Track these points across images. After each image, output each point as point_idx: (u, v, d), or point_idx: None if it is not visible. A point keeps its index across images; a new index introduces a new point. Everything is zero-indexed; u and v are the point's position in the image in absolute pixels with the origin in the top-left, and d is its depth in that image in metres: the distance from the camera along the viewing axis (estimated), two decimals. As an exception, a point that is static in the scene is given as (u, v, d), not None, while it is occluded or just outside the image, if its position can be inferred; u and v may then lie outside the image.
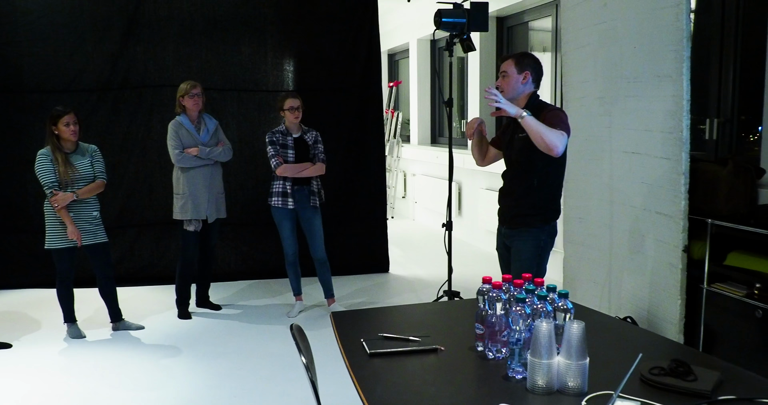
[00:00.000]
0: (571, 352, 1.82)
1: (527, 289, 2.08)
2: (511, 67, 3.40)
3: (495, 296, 2.09)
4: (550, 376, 1.83)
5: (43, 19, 5.71)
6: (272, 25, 6.03)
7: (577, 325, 1.82)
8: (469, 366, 2.10)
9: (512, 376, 1.94)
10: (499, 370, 2.01)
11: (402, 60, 10.58)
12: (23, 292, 5.69)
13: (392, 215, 9.17)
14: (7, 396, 3.68)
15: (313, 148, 4.88)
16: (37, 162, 4.38)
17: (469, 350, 2.19)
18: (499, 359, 2.08)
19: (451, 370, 2.07)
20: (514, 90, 3.39)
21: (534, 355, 1.83)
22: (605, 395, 1.79)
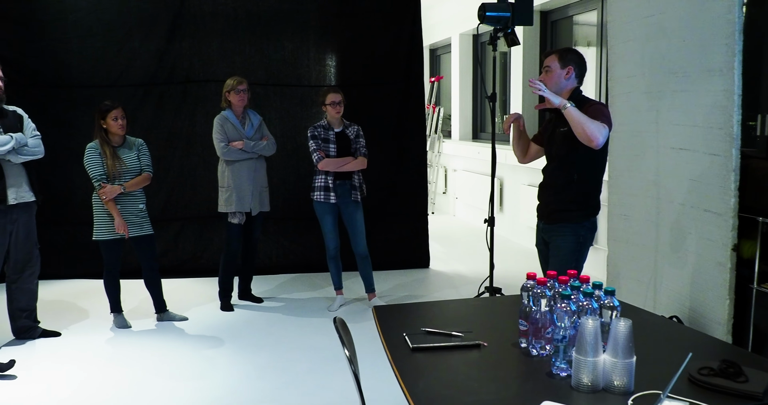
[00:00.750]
0: (618, 351, 1.80)
1: (573, 285, 2.05)
2: (554, 62, 3.38)
3: (539, 292, 2.07)
4: (595, 374, 1.81)
5: (92, 15, 5.83)
6: (315, 20, 6.06)
7: (624, 323, 1.79)
8: (512, 362, 2.08)
9: (556, 373, 1.92)
10: (543, 367, 1.99)
11: (444, 55, 10.54)
12: (71, 282, 5.83)
13: (433, 211, 9.15)
14: (57, 383, 3.78)
15: (355, 143, 4.90)
16: (86, 155, 4.48)
17: (512, 346, 2.18)
18: (543, 356, 2.06)
19: (494, 366, 2.05)
20: (556, 85, 3.37)
21: (579, 353, 1.81)
22: (652, 395, 1.76)
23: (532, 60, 7.16)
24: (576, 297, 2.02)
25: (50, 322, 4.69)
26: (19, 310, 4.43)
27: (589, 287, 2.07)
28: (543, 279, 2.11)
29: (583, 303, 2.01)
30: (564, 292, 2.00)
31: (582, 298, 2.02)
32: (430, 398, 1.82)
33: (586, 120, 3.10)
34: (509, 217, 7.47)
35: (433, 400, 1.81)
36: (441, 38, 9.88)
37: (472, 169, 8.65)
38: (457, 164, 9.22)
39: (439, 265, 6.41)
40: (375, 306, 2.69)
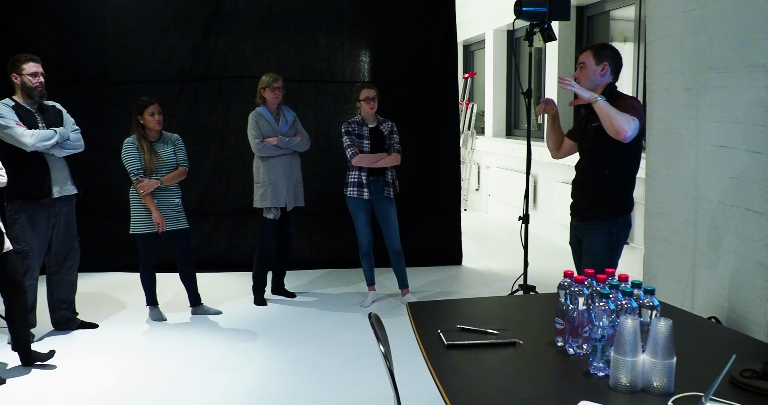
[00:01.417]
0: (658, 351, 1.77)
1: (611, 284, 2.03)
2: (589, 59, 3.36)
3: (577, 291, 2.05)
4: (634, 374, 1.78)
5: (130, 12, 5.91)
6: (349, 16, 6.07)
7: (665, 323, 1.77)
8: (548, 361, 2.06)
9: (594, 372, 1.90)
10: (580, 367, 1.97)
11: (477, 51, 10.47)
12: (109, 275, 5.93)
13: (465, 208, 9.11)
14: (96, 374, 3.85)
15: (389, 139, 4.89)
16: (123, 150, 4.55)
17: (548, 345, 2.16)
18: (580, 355, 2.04)
19: (530, 364, 2.04)
20: (591, 81, 3.36)
21: (618, 353, 1.79)
22: (693, 397, 1.73)
23: (568, 56, 7.07)
24: (614, 296, 2.00)
25: (88, 313, 4.78)
26: (58, 301, 4.52)
27: (628, 286, 2.04)
28: (580, 277, 2.09)
29: (622, 302, 1.98)
30: (602, 290, 1.97)
31: (621, 297, 1.99)
32: (466, 396, 1.81)
33: (615, 113, 3.11)
34: (543, 215, 7.40)
35: (468, 398, 1.80)
36: (475, 34, 9.81)
37: (505, 166, 8.59)
38: (490, 161, 9.17)
39: (472, 262, 6.38)
40: (409, 302, 2.69)
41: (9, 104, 4.13)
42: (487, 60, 9.40)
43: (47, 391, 3.62)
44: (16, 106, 4.15)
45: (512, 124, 9.13)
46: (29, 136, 4.04)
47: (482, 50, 9.92)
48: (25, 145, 4.04)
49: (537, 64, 8.00)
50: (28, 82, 4.15)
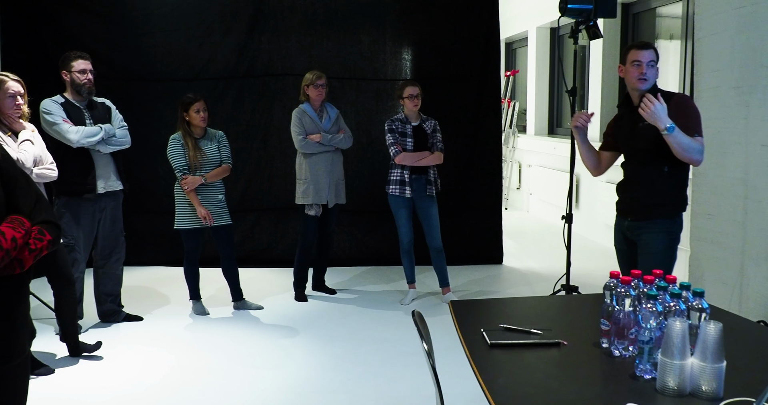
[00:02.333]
0: (707, 354, 1.74)
1: (659, 285, 1.99)
2: (655, 56, 3.27)
3: (623, 292, 2.02)
4: (682, 377, 1.75)
5: (176, 11, 6.01)
6: (391, 13, 6.07)
7: (714, 326, 1.73)
8: (593, 362, 2.04)
9: (640, 375, 1.87)
10: (626, 369, 1.94)
11: (520, 49, 10.38)
12: (153, 269, 6.04)
13: (506, 206, 9.04)
14: (140, 366, 3.94)
15: (432, 137, 4.88)
16: (168, 146, 4.62)
17: (593, 346, 2.13)
18: (626, 357, 2.01)
19: (575, 365, 2.02)
20: (654, 80, 3.26)
21: (665, 355, 1.76)
22: (744, 402, 1.69)
23: (612, 53, 6.96)
24: (662, 297, 1.96)
25: (133, 306, 4.87)
26: (104, 294, 4.62)
27: (676, 288, 2.01)
28: (627, 278, 2.06)
29: (670, 304, 1.94)
30: (650, 292, 1.94)
31: (668, 299, 1.96)
32: (510, 396, 1.80)
33: (687, 142, 3.06)
34: (585, 215, 7.30)
35: (512, 398, 1.79)
36: (517, 32, 9.73)
37: (547, 165, 8.50)
38: (532, 159, 9.08)
39: (513, 262, 6.33)
40: (451, 301, 2.68)
41: (58, 101, 4.24)
42: (529, 58, 9.31)
43: (95, 382, 3.70)
44: (65, 102, 4.26)
45: (555, 123, 9.03)
46: (74, 133, 4.14)
47: (524, 48, 9.83)
48: (70, 141, 4.14)
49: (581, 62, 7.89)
50: (77, 79, 4.25)
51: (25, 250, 1.72)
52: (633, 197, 3.40)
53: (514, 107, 9.51)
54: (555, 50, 8.87)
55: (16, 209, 1.78)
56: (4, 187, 1.77)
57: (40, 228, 1.78)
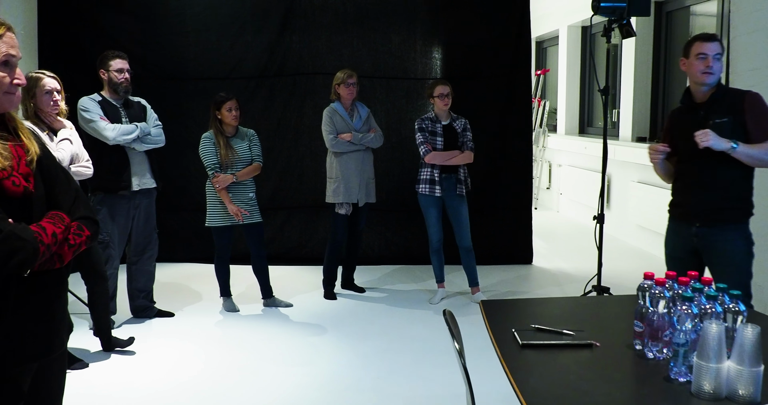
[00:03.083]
0: (744, 358, 1.71)
1: (694, 287, 1.97)
2: (721, 49, 3.13)
3: (658, 293, 2.00)
4: (718, 381, 1.73)
5: (209, 10, 6.07)
6: (422, 12, 6.06)
7: (752, 329, 1.70)
8: (626, 364, 2.02)
9: (675, 378, 1.85)
10: (659, 371, 1.92)
11: (550, 47, 10.30)
12: (185, 265, 6.11)
13: (536, 206, 8.98)
14: (174, 361, 3.99)
15: (462, 136, 4.87)
16: (201, 145, 4.67)
17: (626, 348, 2.11)
18: (660, 359, 1.99)
19: (608, 367, 2.00)
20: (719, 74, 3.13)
21: (701, 358, 1.74)
22: (782, 406, 1.66)
23: (645, 52, 6.87)
24: (698, 299, 1.94)
25: (165, 302, 4.94)
26: (137, 290, 4.69)
27: (712, 290, 1.98)
28: (661, 279, 2.03)
29: (706, 306, 1.92)
30: (685, 293, 1.92)
31: (704, 301, 1.93)
32: (542, 396, 1.79)
33: (757, 152, 2.96)
34: (617, 215, 7.22)
35: (544, 399, 1.78)
36: (548, 30, 9.65)
37: (577, 165, 8.42)
38: (562, 159, 9.00)
39: (543, 262, 6.29)
40: (482, 300, 2.67)
41: (96, 99, 4.32)
42: (560, 56, 9.23)
43: (128, 377, 3.76)
44: (103, 100, 4.33)
45: (585, 122, 8.94)
46: (110, 130, 4.21)
47: (555, 47, 9.75)
48: (107, 138, 4.21)
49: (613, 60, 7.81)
50: (114, 78, 4.32)
51: (65, 245, 1.75)
52: (701, 201, 3.17)
53: (544, 106, 9.44)
54: (587, 49, 8.79)
55: (56, 205, 1.82)
56: (45, 183, 1.80)
57: (79, 224, 1.81)
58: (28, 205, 1.74)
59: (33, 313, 1.75)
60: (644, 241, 6.70)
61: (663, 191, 6.17)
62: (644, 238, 6.69)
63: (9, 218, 1.64)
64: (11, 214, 1.66)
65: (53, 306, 1.82)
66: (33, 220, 1.72)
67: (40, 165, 1.80)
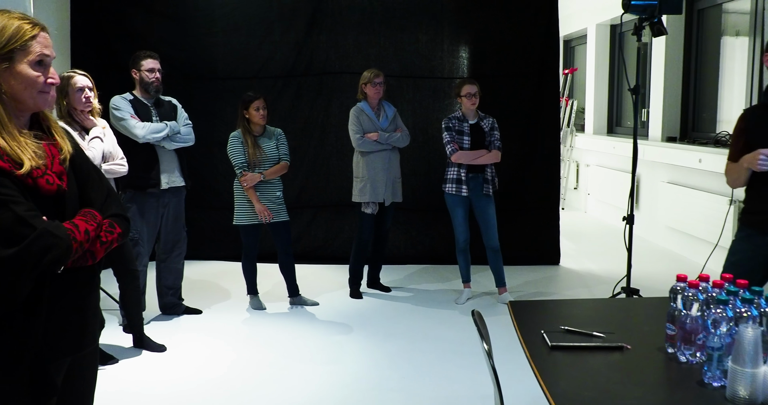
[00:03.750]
0: (781, 363, 1.67)
1: (729, 290, 1.93)
2: None
3: (691, 296, 1.96)
4: (754, 386, 1.69)
5: (237, 10, 6.10)
6: (449, 11, 6.04)
7: (790, 334, 1.67)
8: (658, 368, 1.99)
9: (709, 382, 1.81)
10: (693, 375, 1.88)
11: (578, 46, 10.20)
12: (213, 263, 6.16)
13: (563, 206, 8.90)
14: (202, 358, 4.02)
15: (489, 135, 4.84)
16: (229, 144, 4.70)
17: (657, 351, 2.08)
18: (693, 363, 1.95)
19: (639, 370, 1.97)
20: None
21: (736, 363, 1.70)
22: (820, 413, 1.62)
23: (676, 50, 6.77)
24: (733, 302, 1.90)
25: (193, 300, 4.98)
26: (166, 287, 4.73)
27: (748, 293, 1.94)
28: (695, 281, 2.00)
29: (741, 309, 1.88)
30: (720, 296, 1.88)
31: (739, 305, 1.89)
32: (572, 399, 1.77)
33: None
34: (645, 216, 7.13)
35: (574, 402, 1.75)
36: (576, 29, 9.56)
37: (605, 165, 8.33)
38: (590, 159, 8.92)
39: (570, 263, 6.23)
40: (510, 301, 2.65)
41: (127, 98, 4.37)
42: (588, 55, 9.14)
43: (158, 374, 3.80)
44: (134, 99, 4.38)
45: (614, 122, 8.84)
46: (140, 128, 4.26)
47: (583, 45, 9.66)
48: (137, 137, 4.26)
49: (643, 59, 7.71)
50: (146, 78, 4.37)
51: (97, 242, 1.77)
52: None
53: (572, 106, 9.36)
54: (615, 48, 8.69)
55: (88, 202, 1.84)
56: (78, 181, 1.83)
57: (110, 221, 1.84)
58: (61, 203, 1.76)
59: (66, 309, 1.78)
60: (674, 242, 6.61)
61: (693, 192, 6.09)
62: (674, 239, 6.60)
63: (43, 216, 1.67)
64: (45, 212, 1.69)
65: (86, 302, 1.84)
66: (66, 218, 1.75)
67: (72, 163, 1.83)
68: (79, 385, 1.91)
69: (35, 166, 1.68)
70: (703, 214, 5.90)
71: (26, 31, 1.69)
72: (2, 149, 1.63)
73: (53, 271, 1.68)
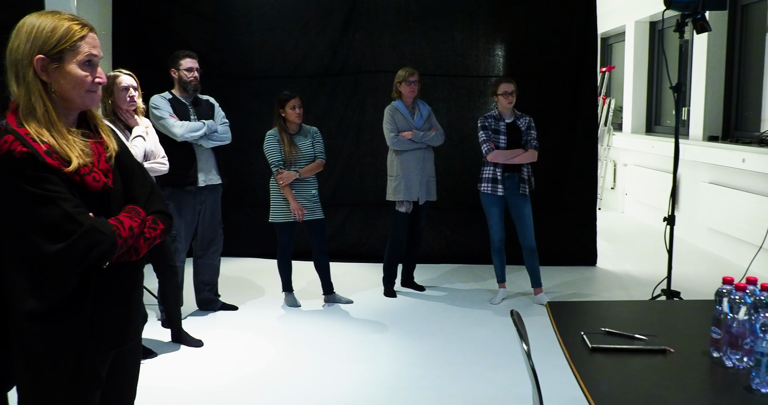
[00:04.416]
0: (833, 369, 1.63)
1: (778, 294, 1.88)
2: None
3: (738, 299, 1.92)
4: (804, 392, 1.65)
5: (274, 10, 6.15)
6: (485, 9, 6.00)
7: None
8: (703, 372, 1.95)
9: (757, 388, 1.77)
10: (739, 380, 1.84)
11: (616, 44, 10.05)
12: (248, 260, 6.21)
13: (600, 207, 8.79)
14: (239, 354, 4.06)
15: (526, 134, 4.80)
16: (265, 142, 4.74)
17: (702, 355, 2.04)
18: (740, 368, 1.91)
19: (683, 374, 1.93)
20: None
21: (786, 368, 1.66)
22: None
23: (718, 47, 6.62)
24: (782, 307, 1.85)
25: (229, 296, 5.03)
26: (203, 283, 4.79)
27: (797, 297, 1.89)
28: (742, 285, 1.96)
29: (790, 314, 1.83)
30: None
31: (789, 309, 1.85)
32: (614, 402, 1.75)
33: None
34: (685, 217, 7.00)
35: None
36: (613, 26, 9.43)
37: (644, 164, 8.20)
38: (628, 158, 8.78)
39: (607, 264, 6.14)
40: (548, 302, 2.62)
41: (166, 97, 4.43)
42: (626, 53, 9.00)
43: (195, 368, 3.85)
44: (173, 98, 4.44)
45: (653, 120, 8.70)
46: (179, 127, 4.31)
47: (621, 43, 9.51)
48: (175, 135, 4.31)
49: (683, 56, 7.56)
50: (184, 77, 4.43)
51: (141, 238, 1.80)
52: None
53: (609, 104, 9.23)
54: (654, 45, 8.54)
55: (133, 199, 1.87)
56: (123, 179, 1.86)
57: (154, 218, 1.87)
58: (106, 200, 1.80)
59: (111, 304, 1.82)
60: (715, 244, 6.47)
61: (736, 193, 5.96)
62: (715, 241, 6.47)
63: (89, 212, 1.70)
64: (91, 209, 1.72)
65: (130, 297, 1.88)
66: (111, 214, 1.78)
67: (118, 161, 1.86)
68: (122, 378, 1.94)
69: (83, 163, 1.71)
70: (746, 216, 5.77)
71: (75, 32, 1.73)
72: (52, 147, 1.67)
73: (98, 267, 1.71)
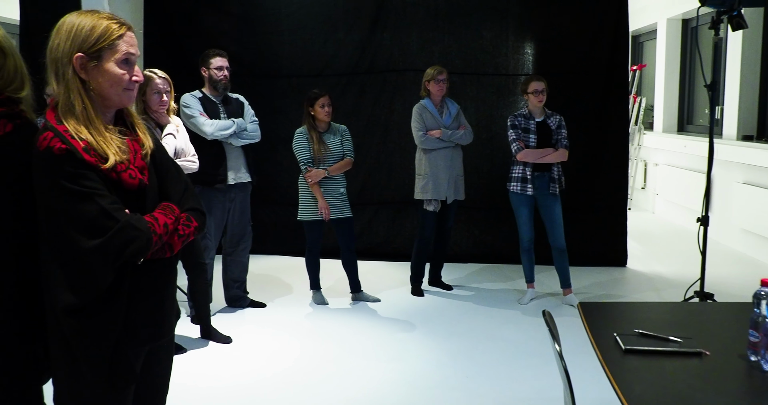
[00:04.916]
0: None
1: (818, 297, 1.84)
2: None
3: (777, 302, 1.88)
4: None
5: (302, 9, 6.17)
6: (514, 7, 5.96)
7: None
8: (740, 376, 1.91)
9: (796, 392, 1.74)
10: (778, 384, 1.81)
11: (647, 42, 9.92)
12: (276, 258, 6.25)
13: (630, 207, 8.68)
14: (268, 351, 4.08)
15: (556, 134, 4.76)
16: (294, 140, 4.75)
17: (738, 358, 2.00)
18: (778, 372, 1.88)
19: (720, 377, 1.90)
20: None
21: (827, 372, 1.62)
22: None
23: (754, 45, 6.50)
24: (823, 310, 1.81)
25: (257, 293, 5.06)
26: (232, 280, 4.82)
27: (839, 300, 1.85)
28: (780, 287, 1.92)
29: (831, 317, 1.79)
30: (809, 303, 1.80)
31: (830, 312, 1.81)
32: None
33: None
34: (718, 218, 6.88)
35: (652, 407, 1.71)
36: (645, 24, 9.30)
37: (675, 164, 8.09)
38: (659, 158, 8.67)
39: (637, 265, 6.07)
40: (580, 302, 2.59)
41: (197, 96, 4.47)
42: (658, 51, 8.88)
43: (224, 364, 3.88)
44: (203, 97, 4.48)
45: (685, 120, 8.57)
46: (209, 126, 4.35)
47: (652, 41, 9.39)
48: (205, 134, 4.35)
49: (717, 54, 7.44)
50: (214, 76, 4.46)
51: (175, 235, 1.82)
52: None
53: (640, 103, 9.12)
54: (687, 43, 8.42)
55: (167, 196, 1.89)
56: (158, 176, 1.88)
57: (187, 215, 1.88)
58: (142, 197, 1.82)
59: (146, 299, 1.84)
60: (749, 245, 6.36)
61: (770, 193, 5.86)
62: (749, 242, 6.36)
63: (125, 209, 1.72)
64: (127, 205, 1.74)
65: (164, 293, 1.90)
66: (146, 211, 1.80)
67: (153, 159, 1.88)
68: (156, 374, 1.96)
69: (119, 160, 1.73)
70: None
71: (114, 31, 1.75)
72: (89, 144, 1.69)
73: (134, 263, 1.73)
